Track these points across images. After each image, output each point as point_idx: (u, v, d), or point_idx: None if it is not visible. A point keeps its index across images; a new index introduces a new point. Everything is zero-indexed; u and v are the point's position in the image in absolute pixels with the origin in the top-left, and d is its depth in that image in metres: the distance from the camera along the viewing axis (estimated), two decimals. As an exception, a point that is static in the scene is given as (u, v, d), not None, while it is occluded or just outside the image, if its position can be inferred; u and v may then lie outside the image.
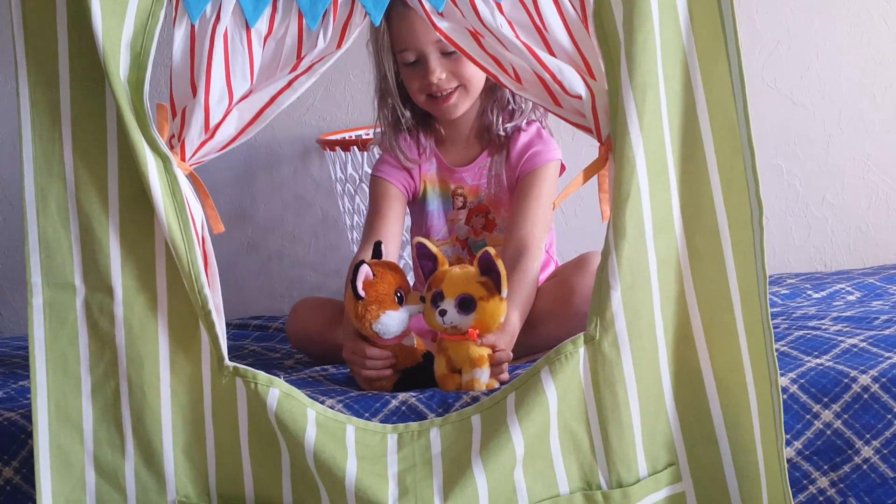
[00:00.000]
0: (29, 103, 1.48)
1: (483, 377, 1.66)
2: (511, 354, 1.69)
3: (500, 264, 1.63)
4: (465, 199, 2.02)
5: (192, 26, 1.50)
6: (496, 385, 1.66)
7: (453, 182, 2.02)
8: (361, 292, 1.67)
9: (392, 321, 1.69)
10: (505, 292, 1.64)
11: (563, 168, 1.99)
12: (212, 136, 1.53)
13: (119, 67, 1.43)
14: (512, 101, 1.97)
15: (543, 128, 2.00)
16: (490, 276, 1.64)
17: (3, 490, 1.61)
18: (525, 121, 1.98)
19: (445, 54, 1.87)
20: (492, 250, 1.63)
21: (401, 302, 1.70)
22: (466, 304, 1.65)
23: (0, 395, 1.77)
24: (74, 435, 1.50)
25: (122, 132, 1.46)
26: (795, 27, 2.68)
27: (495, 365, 1.66)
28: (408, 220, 2.12)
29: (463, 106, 1.94)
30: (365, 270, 1.67)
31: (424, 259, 1.72)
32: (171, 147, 1.52)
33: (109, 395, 1.51)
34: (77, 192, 1.48)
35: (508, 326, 1.72)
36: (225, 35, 1.51)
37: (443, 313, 1.66)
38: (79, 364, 1.50)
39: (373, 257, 1.76)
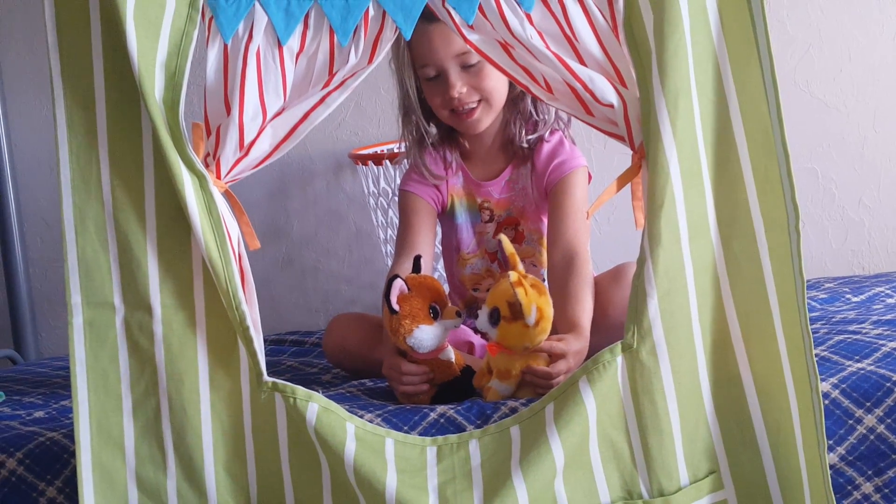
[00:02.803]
0: (66, 125, 1.49)
1: (501, 390, 1.66)
2: (569, 365, 1.65)
3: (521, 293, 1.59)
4: (491, 213, 2.01)
5: (225, 45, 1.51)
6: (498, 397, 1.65)
7: (480, 196, 2.02)
8: (395, 307, 1.67)
9: (426, 335, 1.69)
10: (530, 319, 1.61)
11: (589, 177, 1.99)
12: (246, 154, 1.54)
13: (154, 88, 1.45)
14: (535, 112, 1.96)
15: (566, 137, 1.99)
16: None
17: (47, 509, 1.63)
18: (548, 131, 1.98)
19: (465, 68, 1.87)
20: (513, 275, 1.61)
21: (436, 316, 1.69)
22: (493, 318, 1.66)
23: (42, 415, 1.79)
24: (116, 453, 1.51)
25: (159, 152, 1.47)
26: (827, 29, 2.66)
27: (545, 376, 1.64)
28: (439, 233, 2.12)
29: (486, 120, 1.94)
30: (399, 285, 1.68)
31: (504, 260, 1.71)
32: (207, 165, 1.53)
33: (150, 413, 1.51)
34: (115, 212, 1.49)
35: (582, 334, 1.71)
36: (257, 53, 1.52)
37: (476, 317, 1.68)
38: (119, 382, 1.51)
39: (412, 271, 1.76)
